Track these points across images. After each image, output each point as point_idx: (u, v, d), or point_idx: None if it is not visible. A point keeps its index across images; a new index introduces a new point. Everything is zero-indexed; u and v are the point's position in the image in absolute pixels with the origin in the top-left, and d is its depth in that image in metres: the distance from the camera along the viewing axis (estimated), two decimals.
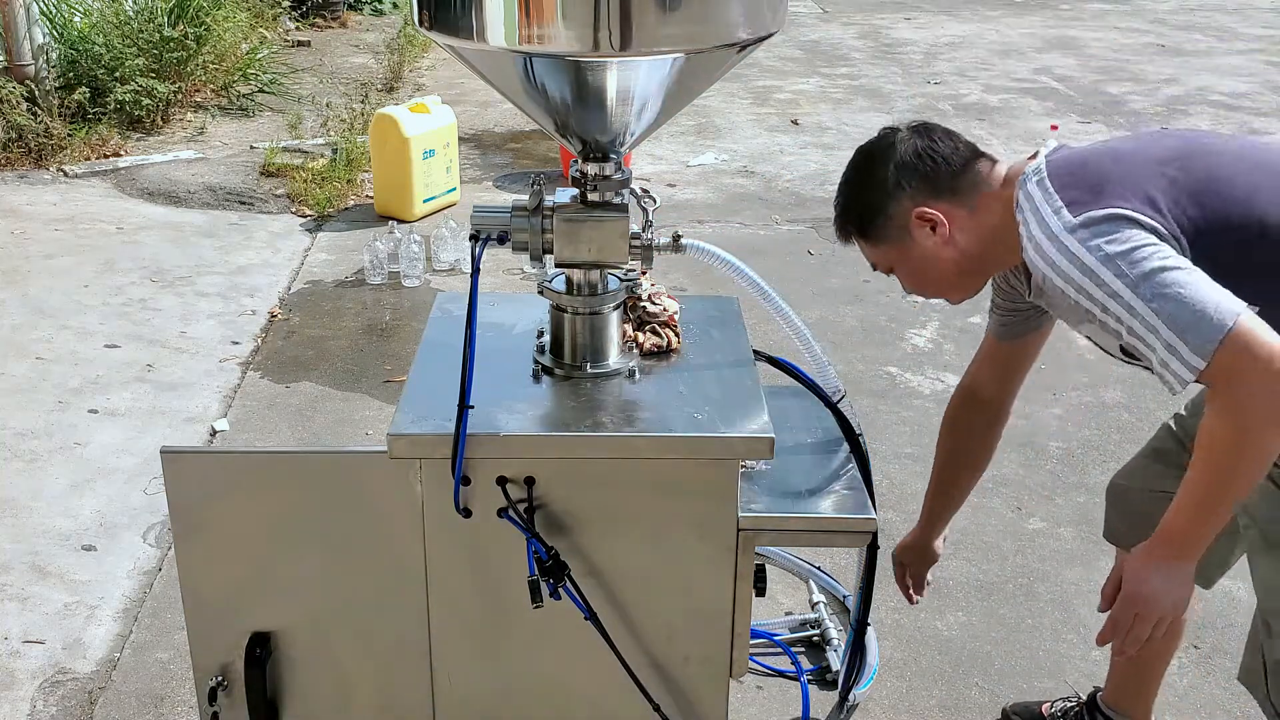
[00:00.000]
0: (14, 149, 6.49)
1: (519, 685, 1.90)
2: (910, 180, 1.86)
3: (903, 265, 1.94)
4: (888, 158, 1.88)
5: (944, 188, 1.86)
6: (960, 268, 1.90)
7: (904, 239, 1.89)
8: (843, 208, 1.96)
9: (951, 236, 1.86)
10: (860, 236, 1.95)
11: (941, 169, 1.87)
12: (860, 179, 1.93)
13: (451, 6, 1.62)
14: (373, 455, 1.76)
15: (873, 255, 1.97)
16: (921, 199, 1.86)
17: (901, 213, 1.86)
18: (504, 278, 4.91)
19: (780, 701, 2.72)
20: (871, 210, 1.90)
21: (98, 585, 3.13)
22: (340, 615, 1.87)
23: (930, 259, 1.89)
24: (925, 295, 2.01)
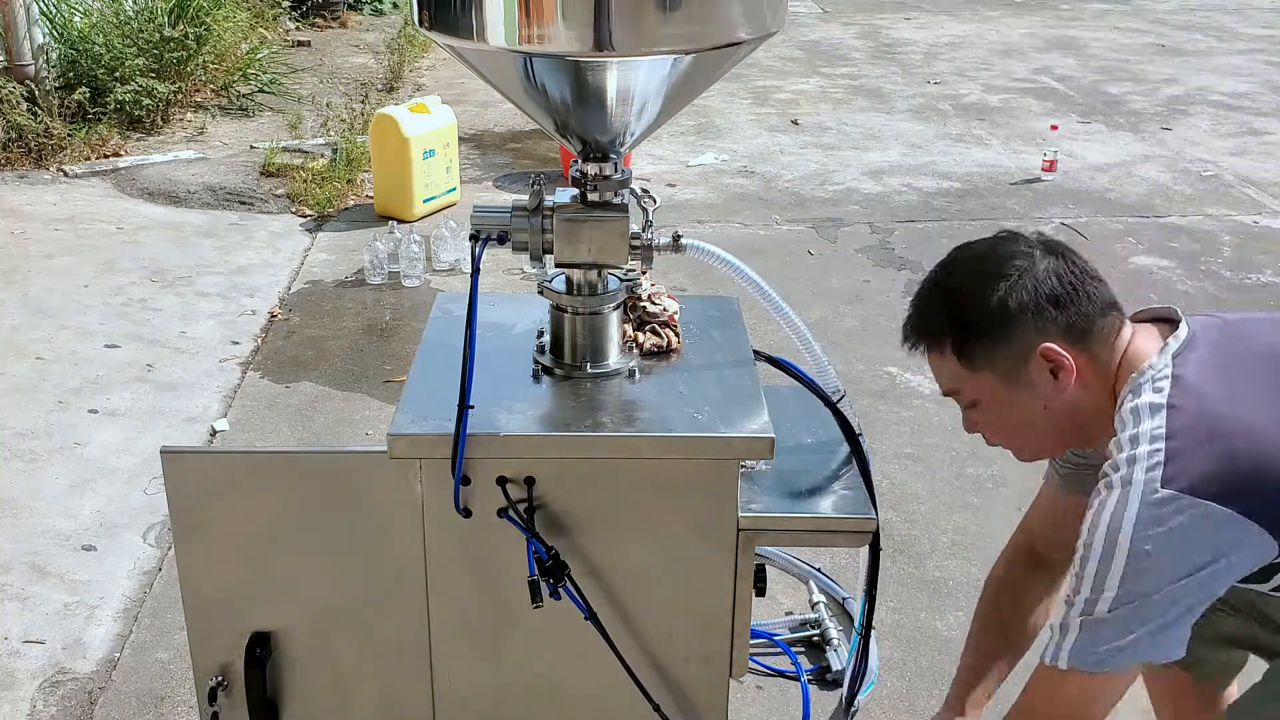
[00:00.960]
0: (14, 149, 6.49)
1: (519, 685, 1.90)
2: (1046, 309, 1.58)
3: (994, 404, 1.66)
4: (1019, 274, 1.59)
5: (1079, 330, 1.60)
6: (1060, 425, 1.66)
7: (1014, 375, 1.61)
8: (936, 316, 1.65)
9: (1071, 387, 1.60)
10: (956, 355, 1.64)
11: (1084, 307, 1.60)
12: (974, 289, 1.62)
13: (451, 6, 1.62)
14: (373, 455, 1.76)
15: (957, 381, 1.67)
16: (1053, 335, 1.58)
17: (1024, 345, 1.58)
18: (504, 278, 4.91)
19: (780, 701, 2.72)
20: (984, 331, 1.60)
21: (98, 585, 3.13)
22: (340, 615, 1.86)
23: (1033, 406, 1.63)
24: (1000, 443, 1.74)
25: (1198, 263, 5.44)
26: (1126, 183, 6.66)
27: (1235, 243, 5.72)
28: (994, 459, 3.74)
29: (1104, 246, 5.65)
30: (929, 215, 6.10)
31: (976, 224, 5.95)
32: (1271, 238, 5.82)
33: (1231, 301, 4.99)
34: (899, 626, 2.98)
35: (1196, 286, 5.14)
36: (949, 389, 1.70)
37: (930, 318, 1.67)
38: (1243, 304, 4.97)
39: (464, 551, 1.79)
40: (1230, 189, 6.56)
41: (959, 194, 6.44)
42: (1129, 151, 7.25)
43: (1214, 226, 5.95)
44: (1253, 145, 7.42)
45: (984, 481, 3.64)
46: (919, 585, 3.14)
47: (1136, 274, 5.30)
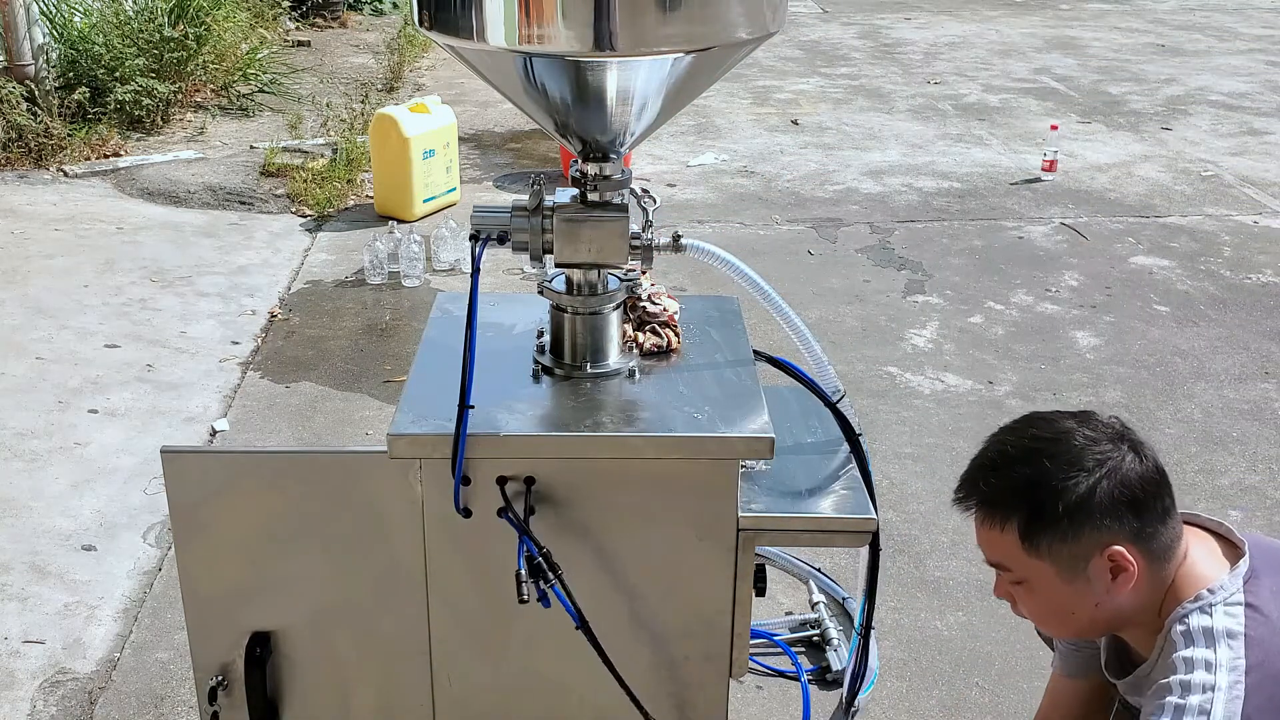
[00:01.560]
0: (14, 149, 6.49)
1: (519, 685, 1.90)
2: (1124, 513, 1.52)
3: (1043, 590, 1.59)
4: (1105, 470, 1.52)
5: (1146, 535, 1.54)
6: (1099, 621, 1.61)
7: (1073, 569, 1.55)
8: (1006, 493, 1.57)
9: (1126, 591, 1.55)
10: (1019, 537, 1.55)
11: (1156, 515, 1.54)
12: (1055, 477, 1.53)
13: (451, 6, 1.62)
14: (373, 455, 1.76)
15: (1010, 560, 1.59)
16: (1124, 538, 1.53)
17: (1092, 543, 1.53)
18: (504, 278, 4.91)
19: (780, 701, 2.72)
20: (1056, 523, 1.53)
21: (98, 585, 3.13)
22: (340, 615, 1.86)
23: (1082, 601, 1.57)
24: (1033, 620, 1.69)
25: (1198, 263, 5.44)
26: (1126, 183, 6.66)
27: (1235, 243, 5.72)
28: None
29: (1104, 246, 5.66)
30: (929, 215, 6.10)
31: (976, 224, 5.95)
32: (1271, 238, 5.82)
33: (1232, 301, 4.99)
34: (899, 626, 2.98)
35: (1196, 286, 5.14)
36: (997, 563, 1.62)
37: (1000, 492, 1.57)
38: (1243, 304, 4.98)
39: (464, 551, 1.79)
40: (1230, 189, 6.56)
41: (959, 194, 6.44)
42: (1129, 151, 7.25)
43: (1214, 226, 5.95)
44: (1253, 145, 7.42)
45: None
46: (919, 585, 3.14)
47: (1136, 274, 5.30)
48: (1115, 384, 4.25)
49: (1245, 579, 1.55)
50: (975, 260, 5.46)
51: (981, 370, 4.37)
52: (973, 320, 4.81)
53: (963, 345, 4.58)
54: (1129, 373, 4.36)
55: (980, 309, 4.92)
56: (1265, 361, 4.47)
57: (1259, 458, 3.80)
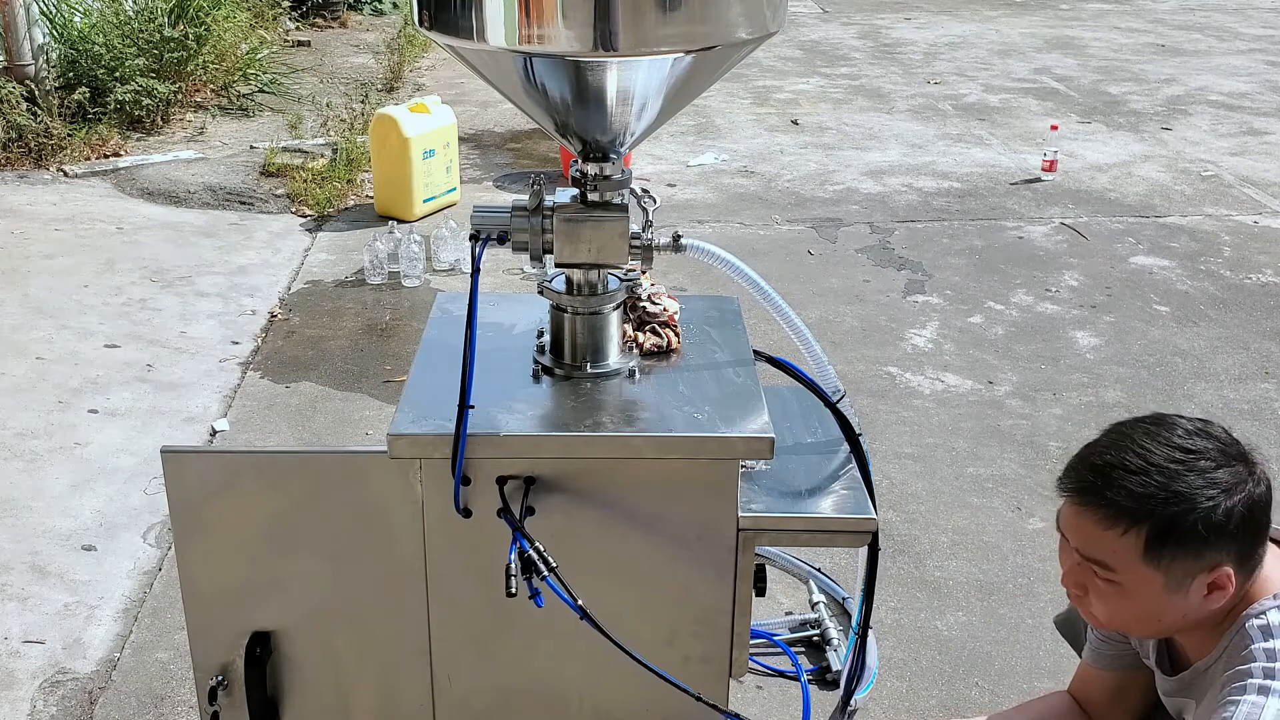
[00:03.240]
0: (14, 149, 6.49)
1: (519, 685, 1.90)
2: (1244, 536, 1.53)
3: (1138, 594, 1.57)
4: (1242, 493, 1.52)
5: (1248, 556, 1.56)
6: (1182, 627, 1.62)
7: (1179, 583, 1.54)
8: (1142, 498, 1.52)
9: (1214, 608, 1.57)
10: (1142, 545, 1.53)
11: (1264, 534, 1.57)
12: (1200, 494, 1.51)
13: (451, 6, 1.62)
14: (373, 455, 1.76)
15: (1117, 561, 1.56)
16: (1232, 560, 1.53)
17: (1207, 561, 1.53)
18: (504, 278, 4.91)
19: (780, 701, 2.72)
20: (1186, 539, 1.51)
21: (98, 585, 3.13)
22: (340, 615, 1.87)
23: (1173, 611, 1.57)
24: (1102, 615, 1.64)
25: (1198, 263, 5.44)
26: (1126, 183, 6.66)
27: (1235, 243, 5.72)
28: (994, 459, 3.75)
29: (1104, 246, 5.66)
30: (929, 215, 6.10)
31: (976, 224, 5.95)
32: (1271, 238, 5.82)
33: (1232, 301, 4.99)
34: (899, 626, 2.98)
35: (1196, 286, 5.14)
36: (1096, 559, 1.58)
37: (1136, 498, 1.53)
38: (1243, 304, 4.98)
39: (464, 551, 1.79)
40: (1230, 189, 6.56)
41: (959, 194, 6.44)
42: (1129, 151, 7.25)
43: (1214, 226, 5.95)
44: (1253, 145, 7.42)
45: (984, 481, 3.64)
46: (919, 585, 3.14)
47: (1136, 274, 5.30)
48: (1115, 384, 4.25)
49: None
50: (975, 260, 5.46)
51: (981, 370, 4.37)
52: (973, 320, 4.81)
53: (963, 345, 4.58)
54: (1129, 373, 4.36)
55: (980, 309, 4.92)
56: (1265, 361, 4.47)
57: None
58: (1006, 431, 3.93)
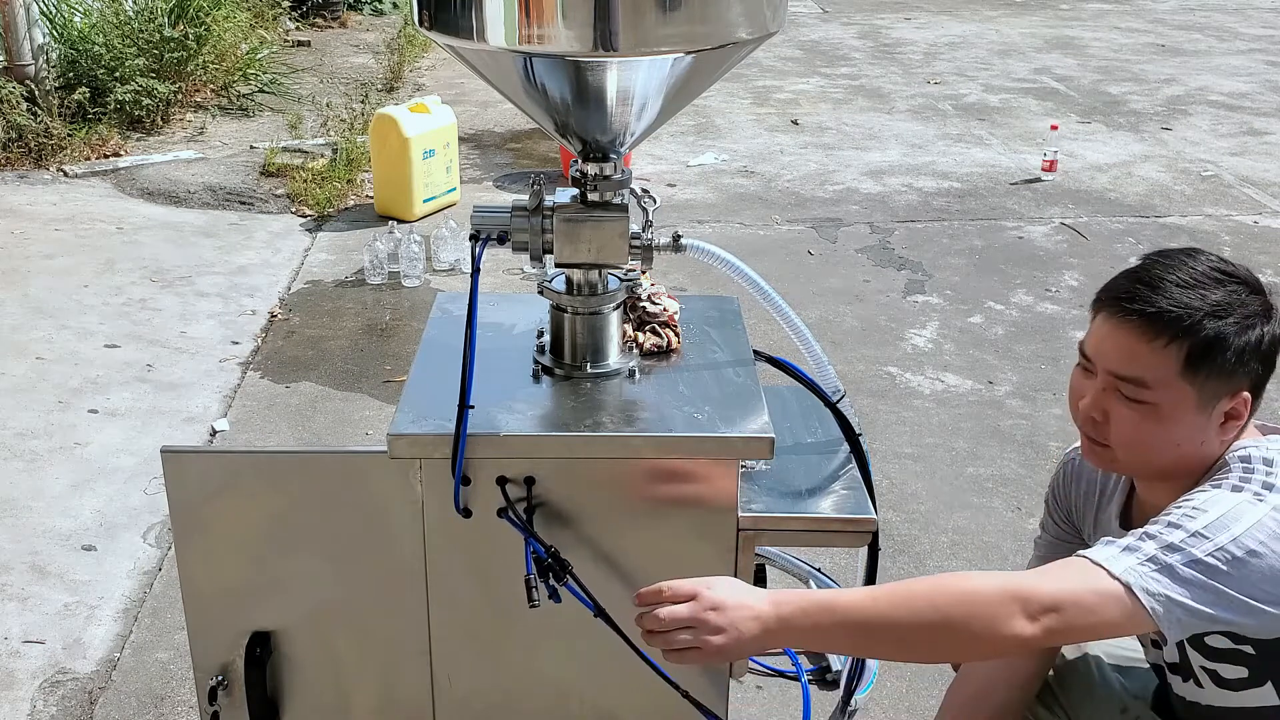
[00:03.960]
0: (14, 149, 6.49)
1: (519, 685, 1.90)
2: (1270, 362, 1.58)
3: (1167, 416, 1.57)
4: (1271, 319, 1.57)
5: (1260, 393, 1.60)
6: (1183, 463, 1.60)
7: (1207, 403, 1.56)
8: (1193, 312, 1.54)
9: (1226, 439, 1.59)
10: (1185, 358, 1.53)
11: (1270, 374, 1.60)
12: (1247, 312, 1.55)
13: (451, 6, 1.62)
14: (373, 455, 1.76)
15: (1156, 376, 1.55)
16: (1251, 388, 1.57)
17: (1236, 383, 1.56)
18: (504, 278, 4.91)
19: (780, 701, 2.72)
20: (1225, 353, 1.53)
21: (98, 585, 3.13)
22: (340, 615, 1.86)
23: (1194, 436, 1.58)
24: (1118, 443, 1.62)
25: None
26: (1126, 183, 6.66)
27: (1235, 243, 5.72)
28: (994, 459, 3.75)
29: (1104, 246, 5.65)
30: (929, 215, 6.10)
31: (976, 224, 5.95)
32: (1271, 238, 5.82)
33: None
34: None
35: None
36: (1134, 376, 1.56)
37: (1186, 308, 1.54)
38: None
39: (464, 551, 1.79)
40: (1230, 189, 6.56)
41: (959, 194, 6.45)
42: (1129, 151, 7.25)
43: (1214, 226, 5.95)
44: (1253, 145, 7.42)
45: (984, 481, 3.64)
46: None
47: None
48: None
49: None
50: (975, 260, 5.46)
51: (981, 370, 4.37)
52: (973, 320, 4.81)
53: (963, 345, 4.58)
54: None
55: (980, 309, 4.92)
56: None
57: None
58: (1006, 431, 3.93)
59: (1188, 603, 1.42)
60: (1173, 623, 1.43)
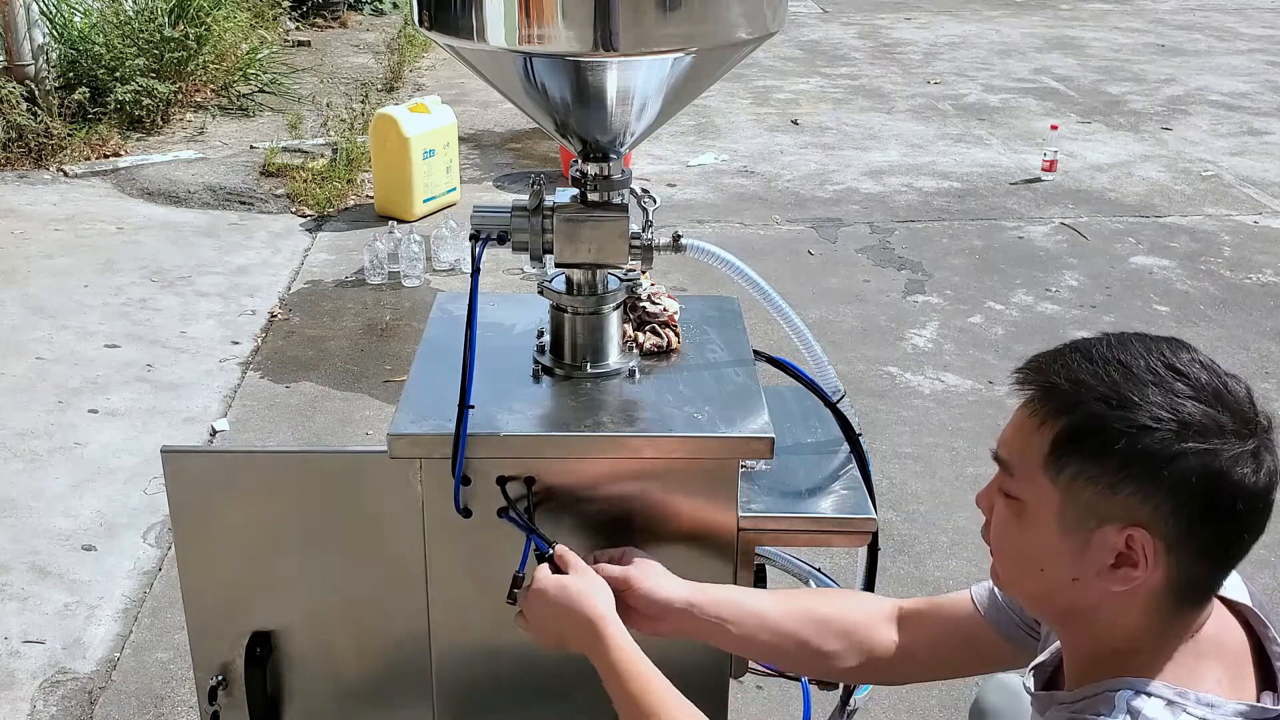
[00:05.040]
0: (14, 149, 6.50)
1: (519, 685, 1.90)
2: (1187, 507, 1.13)
3: (1029, 521, 1.23)
4: (1202, 441, 1.12)
5: (1188, 555, 1.15)
6: (1062, 604, 1.24)
7: (1077, 520, 1.18)
8: (1079, 383, 1.19)
9: (1113, 592, 1.19)
10: (1051, 444, 1.20)
11: (1220, 538, 1.15)
12: (1145, 405, 1.14)
13: (451, 6, 1.62)
14: (373, 455, 1.76)
15: (1023, 460, 1.24)
16: (1159, 529, 1.14)
17: (1121, 507, 1.15)
18: (504, 278, 4.91)
19: (780, 701, 2.72)
20: (1103, 450, 1.15)
21: (98, 585, 3.13)
22: (340, 615, 1.86)
23: (1060, 565, 1.21)
24: (995, 552, 1.32)
25: (1198, 263, 5.44)
26: (1126, 183, 6.66)
27: (1235, 243, 5.72)
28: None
29: (1104, 246, 5.65)
30: (929, 215, 6.10)
31: (976, 224, 5.95)
32: (1271, 238, 5.82)
33: (1232, 301, 4.99)
34: None
35: (1196, 286, 5.14)
36: (1006, 459, 1.28)
37: (1074, 383, 1.20)
38: (1243, 304, 4.98)
39: (464, 551, 1.79)
40: (1230, 189, 6.56)
41: (959, 194, 6.44)
42: (1129, 151, 7.25)
43: (1214, 226, 5.95)
44: (1253, 145, 7.42)
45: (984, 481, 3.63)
46: (919, 585, 3.14)
47: (1136, 274, 5.30)
48: None
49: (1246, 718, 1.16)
50: (975, 260, 5.46)
51: (981, 370, 4.37)
52: (973, 320, 4.81)
53: (963, 345, 4.58)
54: None
55: (980, 309, 4.92)
56: (1265, 361, 4.47)
57: None
58: None
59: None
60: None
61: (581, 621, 1.54)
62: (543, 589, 1.57)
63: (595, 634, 1.53)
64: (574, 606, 1.55)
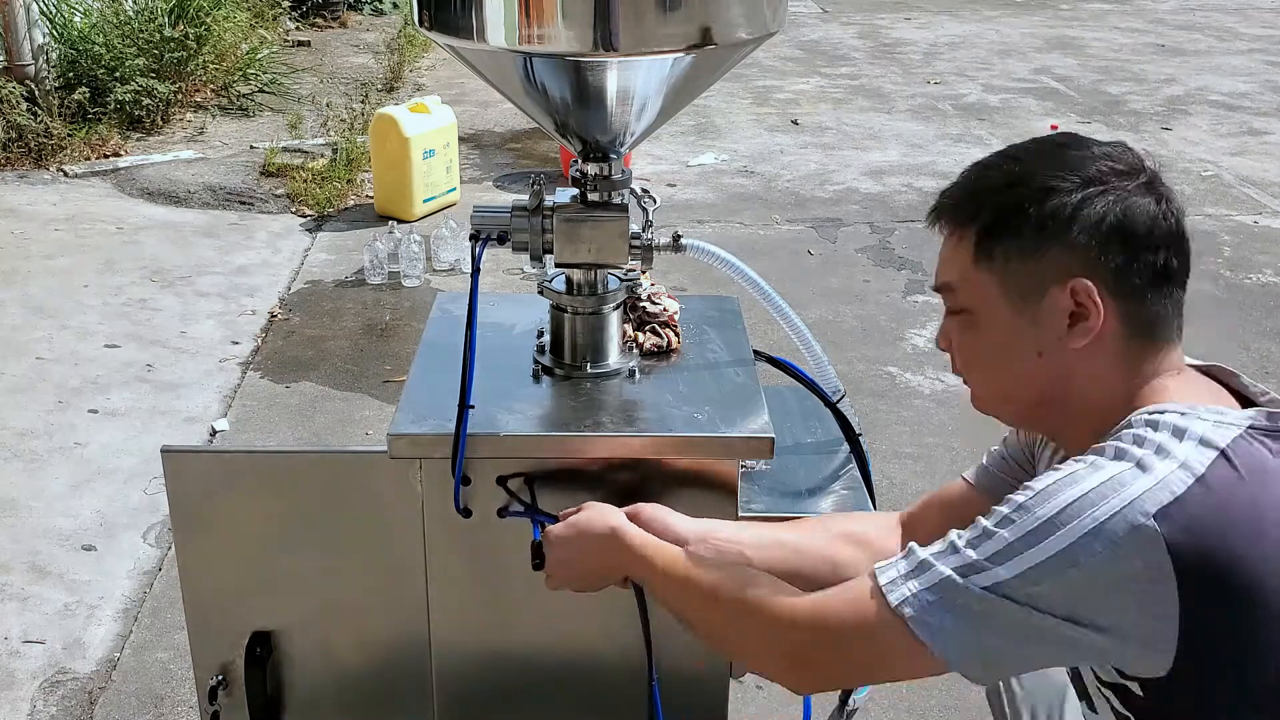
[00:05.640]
0: (14, 149, 6.50)
1: (520, 685, 1.90)
2: (1110, 244, 1.24)
3: (984, 321, 1.32)
4: (1107, 188, 1.24)
5: (1128, 291, 1.26)
6: (1041, 388, 1.31)
7: (1024, 296, 1.28)
8: (984, 190, 1.31)
9: (1082, 348, 1.26)
10: (973, 244, 1.30)
11: (1152, 261, 1.27)
12: (1039, 176, 1.26)
13: (451, 6, 1.62)
14: (373, 455, 1.76)
15: (958, 276, 1.33)
16: (1099, 276, 1.24)
17: (1056, 267, 1.25)
18: (504, 278, 4.91)
19: (780, 701, 2.72)
20: (1022, 227, 1.26)
21: (98, 585, 3.13)
22: (340, 615, 1.87)
23: (1024, 343, 1.29)
24: (966, 373, 1.42)
25: (1198, 262, 5.39)
26: None
27: (1235, 243, 5.72)
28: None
29: None
30: None
31: None
32: (1271, 238, 5.82)
33: (1231, 301, 4.99)
34: None
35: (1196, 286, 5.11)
36: (944, 282, 1.36)
37: (970, 192, 1.32)
38: (1243, 304, 4.98)
39: (464, 551, 1.79)
40: (1230, 189, 6.56)
41: None
42: None
43: (1214, 226, 5.95)
44: (1253, 145, 7.42)
45: None
46: None
47: None
48: None
49: (1256, 425, 1.20)
50: None
51: None
52: None
53: None
54: None
55: None
56: (1265, 361, 4.47)
57: None
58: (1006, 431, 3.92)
59: (987, 644, 1.17)
60: (971, 666, 1.19)
61: (599, 539, 1.53)
62: (556, 532, 1.58)
63: (618, 545, 1.51)
64: (589, 530, 1.54)
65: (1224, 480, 1.14)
